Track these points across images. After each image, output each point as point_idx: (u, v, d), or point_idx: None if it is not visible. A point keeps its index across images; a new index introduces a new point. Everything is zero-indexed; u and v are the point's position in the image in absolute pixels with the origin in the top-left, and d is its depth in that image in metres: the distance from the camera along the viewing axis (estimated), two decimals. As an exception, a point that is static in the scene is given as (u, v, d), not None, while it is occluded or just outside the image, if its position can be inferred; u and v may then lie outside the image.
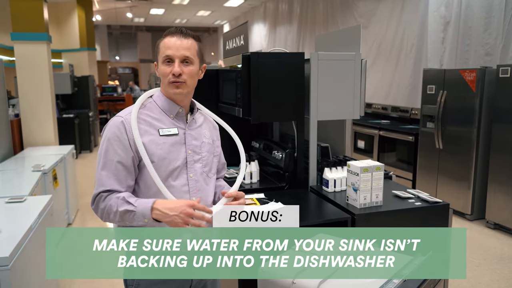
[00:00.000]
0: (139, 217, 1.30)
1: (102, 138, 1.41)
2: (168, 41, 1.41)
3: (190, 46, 1.42)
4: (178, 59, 1.40)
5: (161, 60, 1.42)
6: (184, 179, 1.45)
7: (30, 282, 2.15)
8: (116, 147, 1.37)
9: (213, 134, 1.61)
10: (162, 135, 1.42)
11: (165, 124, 1.45)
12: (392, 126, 5.75)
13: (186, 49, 1.41)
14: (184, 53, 1.40)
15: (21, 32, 4.75)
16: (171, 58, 1.40)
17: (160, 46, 1.43)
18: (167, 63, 1.40)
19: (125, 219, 1.33)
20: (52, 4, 9.50)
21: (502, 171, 4.09)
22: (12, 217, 2.34)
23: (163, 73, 1.42)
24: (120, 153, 1.37)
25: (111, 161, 1.37)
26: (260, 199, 2.29)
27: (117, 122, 1.40)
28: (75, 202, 4.85)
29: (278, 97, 2.39)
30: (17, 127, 4.76)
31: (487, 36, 4.70)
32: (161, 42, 1.43)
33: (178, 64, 1.39)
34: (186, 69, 1.41)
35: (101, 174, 1.38)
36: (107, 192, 1.36)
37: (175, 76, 1.39)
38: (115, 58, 21.94)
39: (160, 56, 1.42)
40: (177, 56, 1.39)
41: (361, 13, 6.98)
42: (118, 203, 1.33)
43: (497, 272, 3.32)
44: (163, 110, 1.46)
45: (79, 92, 8.76)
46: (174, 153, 1.43)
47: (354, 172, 2.11)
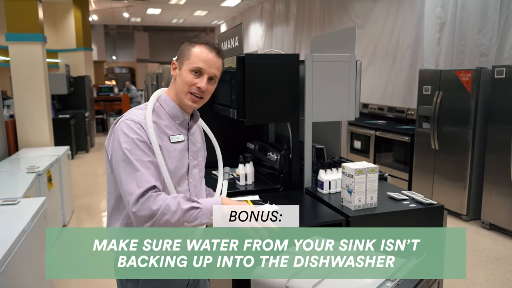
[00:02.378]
0: (206, 215, 1.27)
1: (119, 139, 1.32)
2: (203, 53, 1.39)
3: (220, 66, 1.44)
4: (208, 76, 1.39)
5: (188, 68, 1.39)
6: (186, 185, 1.46)
7: (24, 285, 2.13)
8: (143, 147, 1.32)
9: (201, 139, 1.61)
10: (172, 142, 1.41)
11: (173, 130, 1.44)
12: (388, 126, 5.76)
13: (217, 69, 1.42)
14: (215, 72, 1.41)
15: (15, 32, 4.72)
16: (202, 72, 1.39)
17: (193, 53, 1.39)
18: (195, 74, 1.39)
19: (187, 218, 1.26)
20: (48, 4, 9.46)
21: (498, 172, 4.10)
22: (4, 220, 2.33)
23: (187, 82, 1.39)
24: (148, 153, 1.32)
25: (142, 161, 1.30)
26: (255, 201, 2.28)
27: (136, 125, 1.34)
28: (70, 203, 4.84)
29: (273, 99, 2.39)
30: (12, 128, 4.74)
31: (482, 37, 4.71)
32: (195, 48, 1.40)
33: (206, 81, 1.39)
34: (210, 87, 1.42)
35: (137, 173, 1.27)
36: (155, 190, 1.27)
37: (199, 90, 1.39)
38: (112, 58, 21.87)
39: (190, 63, 1.39)
40: (208, 72, 1.39)
41: (357, 14, 6.98)
42: (179, 201, 1.26)
43: (492, 272, 3.32)
44: (171, 116, 1.45)
45: (75, 92, 8.73)
46: (182, 160, 1.43)
47: (348, 174, 2.10)
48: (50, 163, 3.93)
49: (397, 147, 5.46)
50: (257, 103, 2.36)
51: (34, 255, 2.36)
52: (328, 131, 2.88)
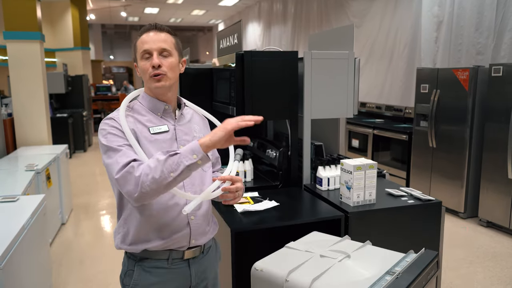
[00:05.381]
0: (187, 156, 1.22)
1: (101, 136, 1.38)
2: (144, 37, 1.41)
3: (166, 39, 1.42)
4: (156, 52, 1.39)
5: (139, 57, 1.41)
6: None
7: (23, 282, 2.13)
8: (119, 134, 1.35)
9: (203, 128, 1.60)
10: (153, 133, 1.41)
11: (154, 123, 1.44)
12: (386, 125, 5.78)
13: (162, 42, 1.40)
14: (161, 45, 1.40)
15: (13, 31, 4.71)
16: (149, 51, 1.39)
17: (137, 44, 1.42)
18: (145, 59, 1.40)
19: (170, 168, 1.22)
20: (46, 3, 9.45)
21: (495, 170, 4.12)
22: (4, 217, 2.33)
23: (144, 69, 1.40)
24: (126, 139, 1.34)
25: (120, 146, 1.33)
26: (254, 197, 2.29)
27: (109, 121, 1.39)
28: (69, 201, 4.83)
29: (272, 96, 2.40)
30: (10, 126, 4.73)
31: (479, 36, 4.73)
32: (138, 40, 1.43)
33: (156, 56, 1.39)
34: (165, 61, 1.40)
35: (119, 152, 1.29)
36: (138, 161, 1.28)
37: (154, 68, 1.38)
38: (110, 58, 21.83)
39: (138, 53, 1.41)
40: (155, 48, 1.39)
41: (354, 13, 7.00)
42: (157, 157, 1.24)
43: (489, 269, 3.34)
44: (150, 109, 1.45)
45: (73, 92, 8.72)
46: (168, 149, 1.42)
47: (347, 170, 2.12)
48: (49, 162, 3.93)
49: (395, 146, 5.48)
50: (256, 100, 2.37)
51: (34, 252, 2.36)
52: (327, 129, 2.89)
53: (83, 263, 3.56)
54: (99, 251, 3.81)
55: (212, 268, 1.57)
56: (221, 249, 1.68)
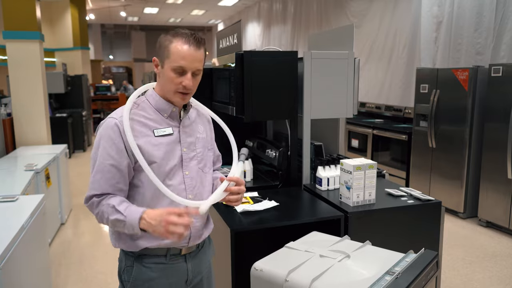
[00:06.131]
0: (128, 227, 1.32)
1: (96, 139, 1.39)
2: (182, 50, 1.33)
3: (202, 58, 1.39)
4: (191, 72, 1.36)
5: (171, 67, 1.35)
6: (180, 177, 1.43)
7: (22, 283, 2.13)
8: (110, 149, 1.35)
9: (207, 128, 1.59)
10: (157, 136, 1.40)
11: (160, 124, 1.42)
12: (385, 125, 5.78)
13: (199, 62, 1.38)
14: (197, 66, 1.37)
15: (13, 30, 4.71)
16: (185, 69, 1.35)
17: (172, 51, 1.34)
18: (178, 73, 1.35)
19: (117, 227, 1.35)
20: (45, 2, 9.44)
21: (494, 170, 4.12)
22: (3, 217, 2.32)
23: (172, 81, 1.36)
24: (114, 156, 1.35)
25: (103, 164, 1.35)
26: (254, 197, 2.29)
27: (110, 124, 1.36)
28: (68, 201, 4.83)
29: (272, 96, 2.40)
30: (9, 126, 4.73)
31: (478, 36, 4.73)
32: (173, 46, 1.34)
33: (190, 78, 1.36)
34: (195, 81, 1.39)
35: (94, 177, 1.37)
36: (99, 197, 1.36)
37: (185, 88, 1.37)
38: (109, 57, 21.82)
39: (171, 62, 1.34)
40: (191, 68, 1.35)
41: (354, 13, 7.00)
42: (109, 211, 1.34)
43: (489, 269, 3.34)
44: (157, 109, 1.43)
45: (73, 91, 8.71)
46: (170, 153, 1.41)
47: (347, 170, 2.11)
48: (48, 161, 3.93)
49: (394, 146, 5.48)
50: (255, 100, 2.37)
51: (33, 252, 2.36)
52: (326, 129, 2.89)
53: (83, 263, 3.56)
54: (98, 251, 3.81)
55: (206, 261, 1.58)
56: (221, 249, 1.69)
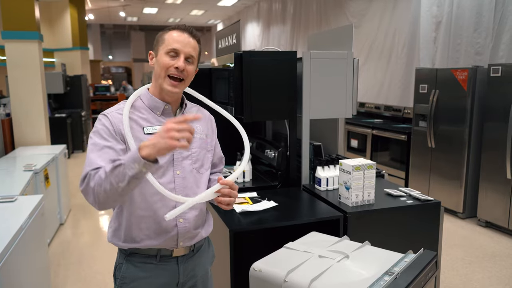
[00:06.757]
0: (129, 165, 1.17)
1: (90, 135, 1.40)
2: (177, 36, 1.39)
3: (195, 47, 1.42)
4: (184, 55, 1.38)
5: (164, 51, 1.38)
6: (170, 176, 1.42)
7: (21, 283, 2.13)
8: (105, 135, 1.35)
9: (207, 128, 1.57)
10: (146, 133, 1.40)
11: (151, 122, 1.43)
12: (385, 125, 5.78)
13: (192, 48, 1.41)
14: (190, 51, 1.39)
15: (12, 30, 4.70)
16: (178, 52, 1.38)
17: (166, 38, 1.40)
18: (171, 56, 1.38)
19: (117, 179, 1.19)
20: (44, 2, 9.44)
21: (494, 170, 4.12)
22: (2, 217, 2.32)
23: (164, 64, 1.38)
24: (109, 140, 1.35)
25: (99, 145, 1.33)
26: (253, 197, 2.29)
27: (103, 118, 1.39)
28: (67, 202, 4.82)
29: (271, 96, 2.39)
30: (8, 126, 4.73)
31: (477, 36, 4.74)
32: (167, 34, 1.41)
33: (183, 61, 1.38)
34: (188, 67, 1.40)
35: (89, 157, 1.31)
36: (96, 170, 1.27)
37: (178, 70, 1.37)
38: (108, 58, 21.82)
39: (164, 47, 1.38)
40: (184, 51, 1.38)
41: (353, 13, 7.01)
42: (106, 168, 1.22)
43: (488, 269, 3.34)
44: (150, 108, 1.44)
45: (72, 92, 8.70)
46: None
47: (346, 170, 2.11)
48: (47, 162, 3.92)
49: (393, 146, 5.48)
50: (255, 100, 2.36)
51: (32, 252, 2.36)
52: (325, 129, 2.89)
53: (82, 263, 3.55)
54: (97, 251, 3.80)
55: (202, 266, 1.56)
56: (220, 249, 1.68)
